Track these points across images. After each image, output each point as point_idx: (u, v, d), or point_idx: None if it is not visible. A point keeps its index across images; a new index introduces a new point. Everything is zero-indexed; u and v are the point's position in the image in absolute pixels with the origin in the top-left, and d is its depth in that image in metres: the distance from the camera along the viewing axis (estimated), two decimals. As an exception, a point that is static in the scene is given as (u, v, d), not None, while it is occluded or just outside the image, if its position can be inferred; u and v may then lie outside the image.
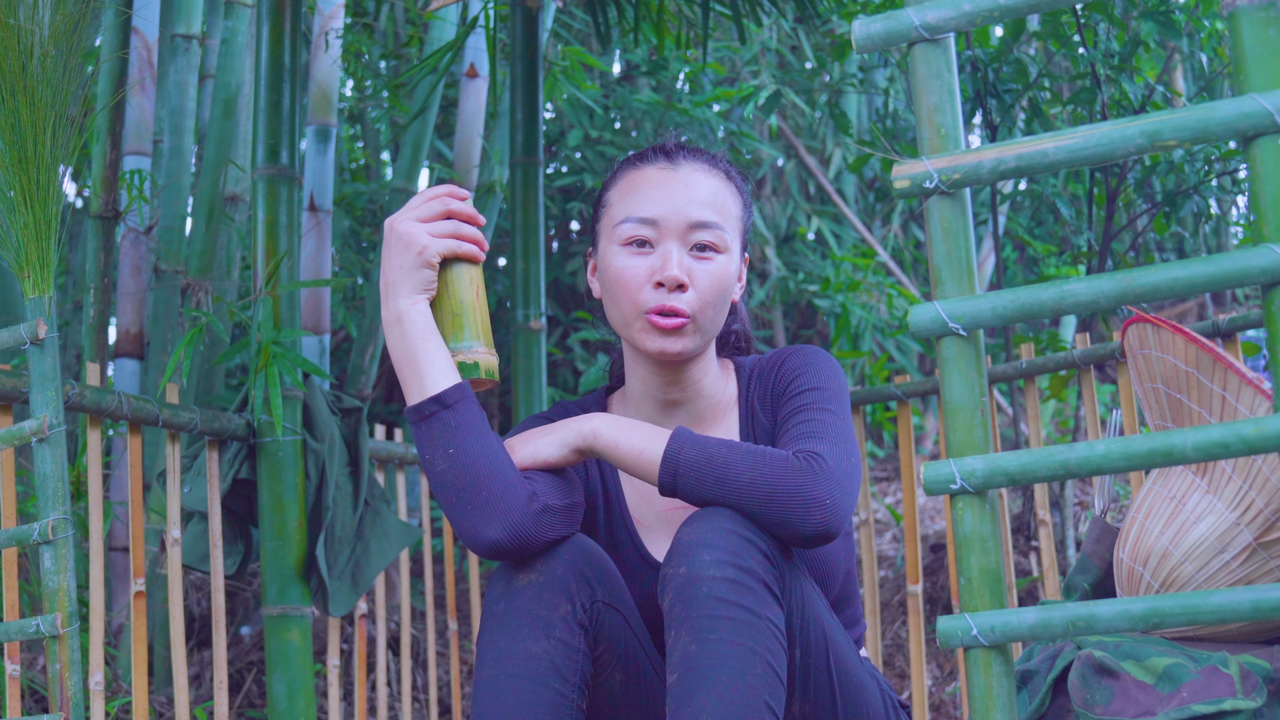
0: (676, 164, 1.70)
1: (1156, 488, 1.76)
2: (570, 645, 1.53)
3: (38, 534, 1.92)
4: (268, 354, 2.43)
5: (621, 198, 1.70)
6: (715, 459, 1.51)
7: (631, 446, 1.56)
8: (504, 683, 1.51)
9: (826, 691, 1.57)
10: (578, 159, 4.52)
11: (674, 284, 1.64)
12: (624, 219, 1.67)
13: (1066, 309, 1.12)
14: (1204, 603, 1.05)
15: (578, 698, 1.52)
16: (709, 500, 1.51)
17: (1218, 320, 2.36)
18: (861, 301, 4.50)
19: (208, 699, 2.98)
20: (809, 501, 1.48)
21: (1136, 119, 1.10)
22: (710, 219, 1.66)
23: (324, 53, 3.41)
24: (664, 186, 1.68)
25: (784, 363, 1.73)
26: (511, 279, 3.06)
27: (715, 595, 1.44)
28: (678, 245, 1.65)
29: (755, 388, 1.75)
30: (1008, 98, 3.19)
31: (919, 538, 2.85)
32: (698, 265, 1.66)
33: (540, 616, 1.53)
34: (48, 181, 1.95)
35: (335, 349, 4.34)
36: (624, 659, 1.60)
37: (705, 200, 1.67)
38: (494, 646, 1.53)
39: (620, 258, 1.67)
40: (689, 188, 1.67)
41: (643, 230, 1.66)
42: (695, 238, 1.66)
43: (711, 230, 1.66)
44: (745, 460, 1.51)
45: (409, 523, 2.81)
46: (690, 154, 1.72)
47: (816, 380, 1.67)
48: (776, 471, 1.50)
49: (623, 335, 1.72)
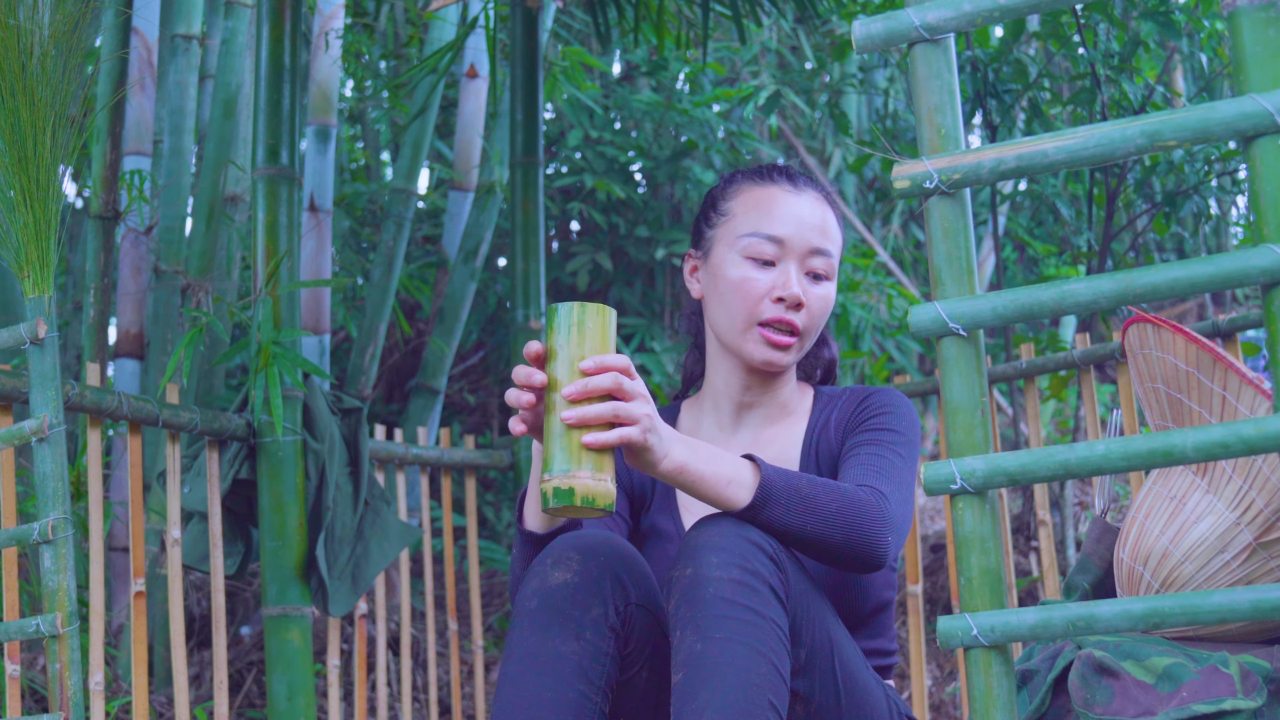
0: (800, 189, 1.79)
1: (1157, 488, 1.76)
2: (599, 649, 1.53)
3: (38, 534, 1.92)
4: (268, 354, 2.43)
5: (747, 211, 1.78)
6: (800, 489, 1.55)
7: (718, 477, 1.52)
8: (529, 680, 1.51)
9: (831, 693, 1.58)
10: (578, 159, 4.51)
11: (794, 302, 1.73)
12: (751, 232, 1.75)
13: (1066, 309, 1.12)
14: (1204, 603, 1.05)
15: (601, 701, 1.53)
16: (794, 528, 1.53)
17: (1218, 320, 2.36)
18: (861, 301, 4.50)
19: (208, 699, 2.98)
20: (874, 536, 1.55)
21: (1136, 119, 1.10)
22: (827, 247, 1.77)
23: (324, 53, 3.41)
24: (792, 209, 1.76)
25: (871, 396, 1.80)
26: (511, 279, 3.06)
27: (721, 596, 1.46)
28: (797, 267, 1.74)
29: (835, 410, 1.81)
30: (1008, 98, 3.19)
31: (919, 538, 2.85)
32: (811, 288, 1.75)
33: (572, 617, 1.53)
34: (48, 181, 1.95)
35: (335, 349, 4.34)
36: (651, 658, 1.61)
37: (825, 229, 1.77)
38: (523, 643, 1.53)
39: (742, 268, 1.75)
40: (813, 214, 1.77)
41: (769, 247, 1.74)
42: (812, 263, 1.76)
43: (826, 258, 1.76)
44: (827, 495, 1.55)
45: (409, 523, 2.81)
46: (808, 182, 1.82)
47: (898, 424, 1.74)
48: (852, 506, 1.55)
49: (727, 339, 1.78)
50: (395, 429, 2.98)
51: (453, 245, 3.96)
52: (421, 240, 4.64)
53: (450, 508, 2.95)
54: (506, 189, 3.50)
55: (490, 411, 4.65)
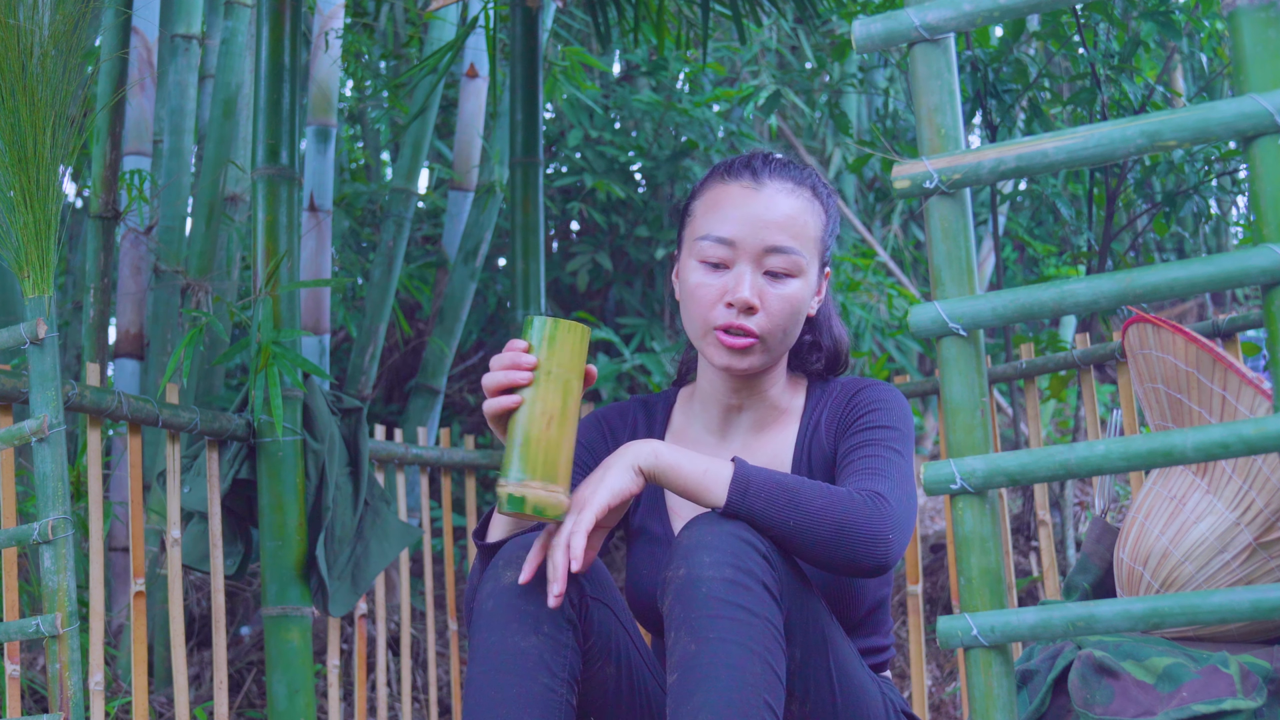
0: (761, 182, 1.72)
1: (1157, 488, 1.76)
2: (558, 640, 1.55)
3: (38, 534, 1.92)
4: (268, 354, 2.43)
5: (705, 212, 1.73)
6: (784, 485, 1.53)
7: (695, 466, 1.56)
8: (493, 678, 1.52)
9: (826, 692, 1.58)
10: (578, 159, 4.51)
11: (744, 306, 1.68)
12: (703, 235, 1.71)
13: (1066, 309, 1.12)
14: (1204, 603, 1.05)
15: (567, 693, 1.54)
16: (777, 523, 1.51)
17: (1218, 320, 2.36)
18: (861, 301, 4.50)
19: (208, 699, 2.98)
20: (874, 537, 1.51)
21: (1136, 119, 1.10)
22: (785, 244, 1.69)
23: (324, 53, 3.41)
24: (745, 206, 1.70)
25: (859, 393, 1.75)
26: (511, 279, 3.06)
27: (715, 596, 1.45)
28: (751, 268, 1.69)
29: (824, 409, 1.78)
30: (1008, 98, 3.19)
31: (919, 538, 2.85)
32: (770, 288, 1.69)
33: (528, 613, 1.54)
34: (48, 181, 1.95)
35: (335, 349, 4.34)
36: (614, 653, 1.62)
37: (783, 224, 1.69)
38: (484, 644, 1.55)
39: (697, 273, 1.71)
40: (770, 209, 1.70)
41: (719, 250, 1.69)
42: (769, 263, 1.69)
43: (786, 256, 1.69)
44: (814, 490, 1.53)
45: (409, 523, 2.81)
46: (776, 171, 1.74)
47: (888, 419, 1.70)
48: (844, 505, 1.52)
49: (695, 344, 1.75)
50: (395, 429, 2.98)
51: (453, 245, 3.96)
52: (421, 240, 4.64)
53: (450, 508, 2.95)
54: (506, 189, 3.49)
55: (490, 411, 4.64)
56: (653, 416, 1.87)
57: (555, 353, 1.53)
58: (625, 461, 1.56)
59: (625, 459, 1.56)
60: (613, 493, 1.53)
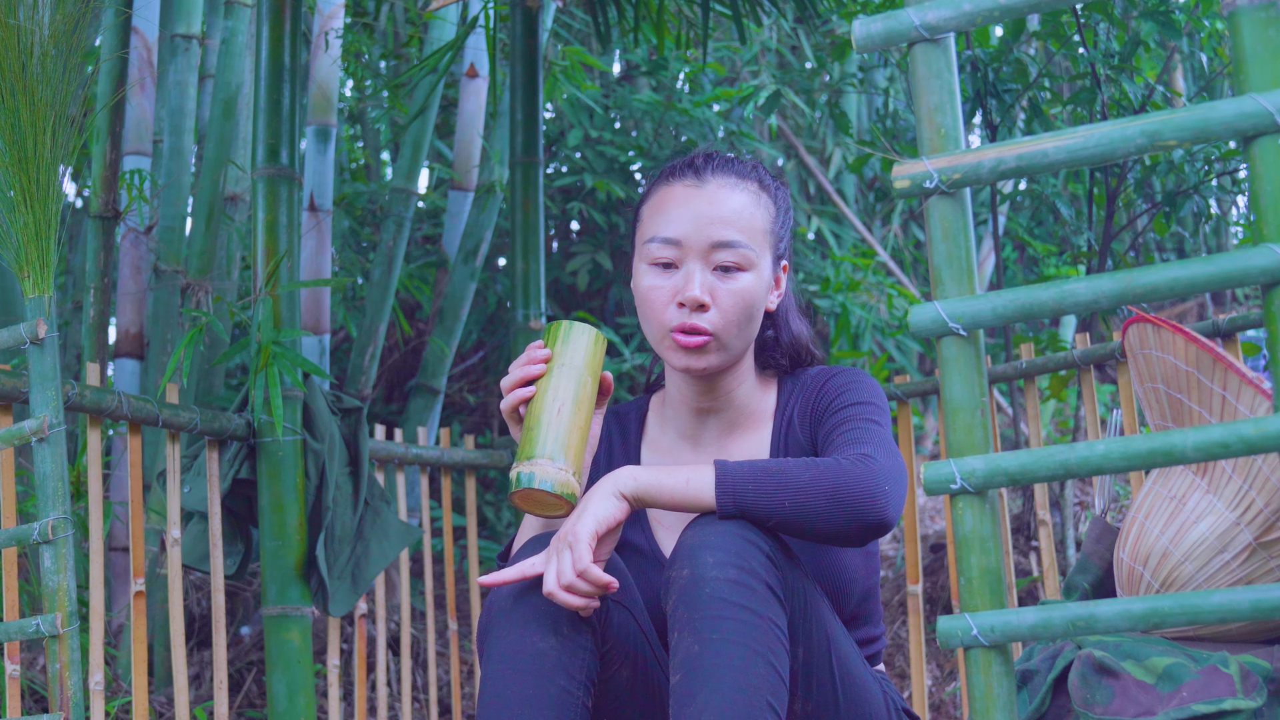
0: (704, 180, 1.71)
1: (1157, 488, 1.76)
2: (577, 643, 1.54)
3: (38, 534, 1.92)
4: (268, 354, 2.43)
5: (651, 215, 1.73)
6: (768, 469, 1.53)
7: (676, 480, 1.55)
8: (511, 678, 1.51)
9: (829, 692, 1.58)
10: (578, 159, 4.51)
11: (694, 304, 1.66)
12: (651, 238, 1.70)
13: (1066, 309, 1.12)
14: (1204, 603, 1.05)
15: (583, 695, 1.53)
16: (775, 508, 1.50)
17: (1218, 320, 2.36)
18: (861, 301, 4.50)
19: (208, 699, 2.98)
20: (870, 493, 1.50)
21: (1136, 119, 1.09)
22: (732, 238, 1.68)
23: (324, 53, 3.41)
24: (688, 205, 1.69)
25: (827, 381, 1.74)
26: (511, 279, 3.06)
27: (718, 596, 1.45)
28: (700, 266, 1.67)
29: (795, 402, 1.76)
30: (1008, 98, 3.19)
31: (919, 538, 2.85)
32: (721, 284, 1.68)
33: (548, 614, 1.54)
34: (48, 181, 1.95)
35: (335, 349, 4.34)
36: (630, 655, 1.61)
37: (729, 219, 1.68)
38: (501, 642, 1.54)
39: (647, 277, 1.70)
40: (714, 205, 1.68)
41: (666, 250, 1.68)
42: (717, 258, 1.67)
43: (734, 250, 1.67)
44: (799, 465, 1.52)
45: (409, 523, 2.81)
46: (719, 168, 1.72)
47: (860, 396, 1.69)
48: (833, 471, 1.51)
49: (656, 350, 1.75)
50: (395, 429, 2.98)
51: (453, 245, 3.96)
52: (421, 240, 4.64)
53: (450, 508, 2.95)
54: (506, 189, 3.50)
55: (490, 411, 4.65)
56: (626, 426, 1.86)
57: (569, 348, 1.60)
58: (606, 490, 1.55)
59: (605, 487, 1.55)
60: (598, 520, 1.52)
